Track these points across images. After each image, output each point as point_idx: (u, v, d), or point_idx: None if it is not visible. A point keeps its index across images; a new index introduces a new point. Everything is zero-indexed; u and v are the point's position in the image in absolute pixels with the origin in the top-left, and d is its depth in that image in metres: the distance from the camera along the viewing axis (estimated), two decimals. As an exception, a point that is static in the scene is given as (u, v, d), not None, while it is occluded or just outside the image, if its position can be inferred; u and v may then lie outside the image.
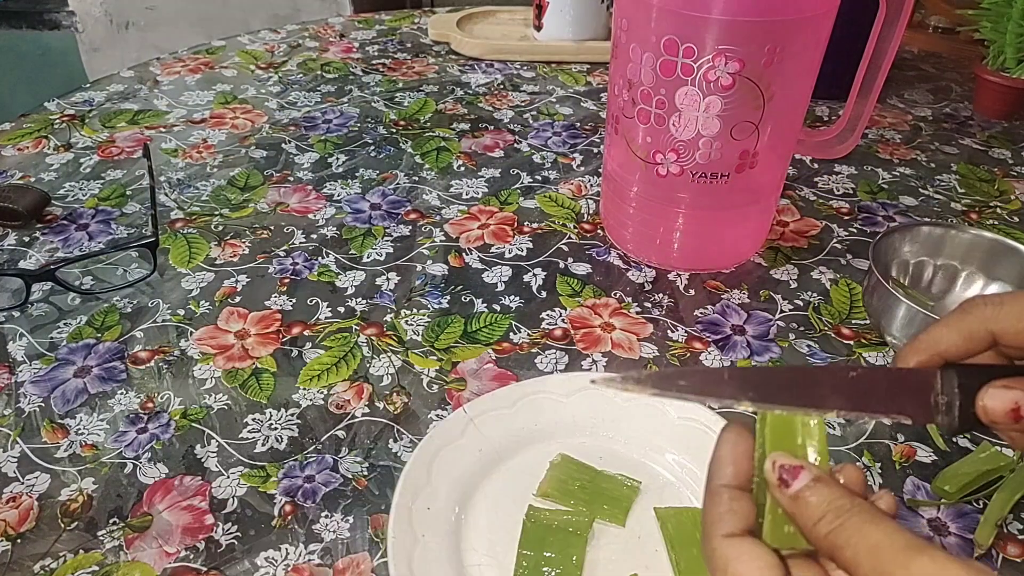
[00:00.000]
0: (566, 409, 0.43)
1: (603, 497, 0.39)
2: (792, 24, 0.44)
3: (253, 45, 0.91)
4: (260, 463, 0.41)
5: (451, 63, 0.88)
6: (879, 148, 0.73)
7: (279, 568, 0.36)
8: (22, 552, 0.36)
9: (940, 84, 0.87)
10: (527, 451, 0.41)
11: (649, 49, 0.46)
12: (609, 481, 0.39)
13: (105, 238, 0.57)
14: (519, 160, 0.69)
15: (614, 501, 0.39)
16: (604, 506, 0.38)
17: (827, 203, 0.64)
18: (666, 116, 0.47)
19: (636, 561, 0.36)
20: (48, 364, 0.46)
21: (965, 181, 0.68)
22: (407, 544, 0.35)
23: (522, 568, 0.35)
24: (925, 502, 0.40)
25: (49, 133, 0.70)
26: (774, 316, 0.52)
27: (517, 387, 0.43)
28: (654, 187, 0.51)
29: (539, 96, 0.81)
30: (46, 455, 0.41)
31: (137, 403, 0.44)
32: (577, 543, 0.36)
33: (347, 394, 0.45)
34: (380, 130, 0.73)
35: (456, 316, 0.51)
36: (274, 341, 0.48)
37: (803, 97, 0.49)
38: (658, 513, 0.38)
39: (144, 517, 0.38)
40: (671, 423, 0.41)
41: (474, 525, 0.37)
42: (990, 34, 0.75)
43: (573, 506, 0.38)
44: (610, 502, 0.38)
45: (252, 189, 0.63)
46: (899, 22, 0.50)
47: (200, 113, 0.75)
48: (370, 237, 0.58)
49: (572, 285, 0.54)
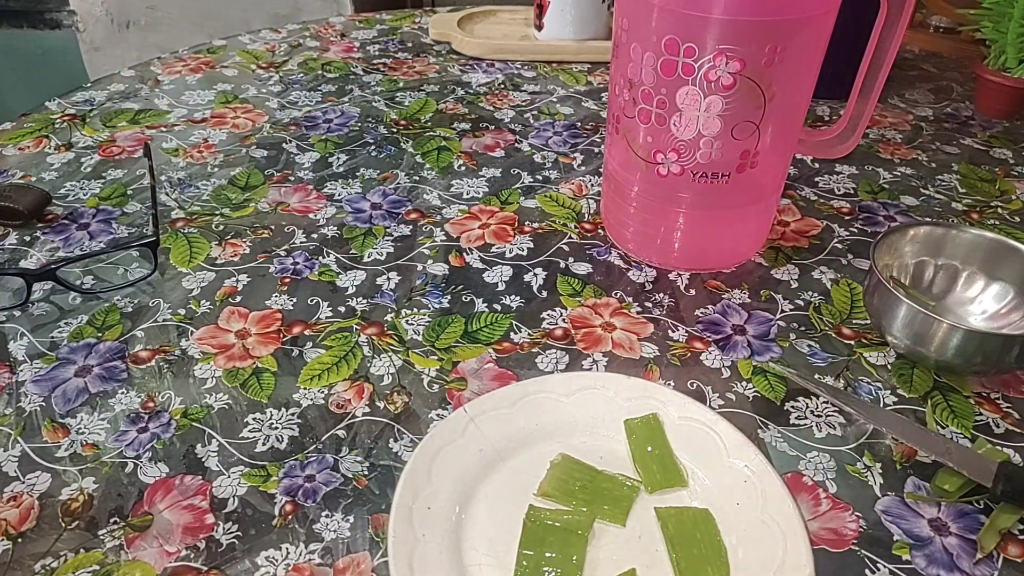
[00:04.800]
0: (567, 409, 0.42)
1: (603, 497, 0.39)
2: (793, 24, 0.44)
3: (254, 45, 0.91)
4: (261, 462, 0.41)
5: (452, 63, 0.88)
6: (880, 148, 0.73)
7: (279, 567, 0.36)
8: (23, 551, 0.36)
9: (941, 84, 0.87)
10: (527, 451, 0.41)
11: (650, 49, 0.46)
12: (609, 481, 0.39)
13: (106, 237, 0.57)
14: (520, 160, 0.69)
15: (615, 501, 0.39)
16: (604, 506, 0.38)
17: (828, 203, 0.64)
18: (667, 116, 0.47)
19: (637, 560, 0.36)
20: (49, 363, 0.46)
21: (966, 181, 0.68)
22: (408, 543, 0.35)
23: (523, 568, 0.35)
24: (924, 497, 0.40)
25: (50, 132, 0.70)
26: (775, 316, 0.52)
27: (518, 387, 0.43)
28: (655, 187, 0.51)
29: (540, 96, 0.81)
30: (47, 454, 0.41)
31: (138, 402, 0.44)
32: (577, 543, 0.36)
33: (348, 394, 0.45)
34: (381, 130, 0.73)
35: (457, 316, 0.51)
36: (275, 341, 0.48)
37: (804, 97, 0.49)
38: (659, 513, 0.38)
39: (145, 516, 0.38)
40: (672, 423, 0.41)
41: (475, 524, 0.37)
42: (991, 34, 0.75)
43: (574, 506, 0.38)
44: (611, 502, 0.38)
45: (253, 189, 0.63)
46: (900, 22, 0.50)
47: (201, 112, 0.75)
48: (371, 237, 0.58)
49: (573, 285, 0.54)
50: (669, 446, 0.41)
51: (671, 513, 0.38)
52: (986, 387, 0.46)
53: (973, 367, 0.45)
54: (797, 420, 0.44)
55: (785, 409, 0.45)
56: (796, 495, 0.39)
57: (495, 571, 0.35)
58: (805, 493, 0.40)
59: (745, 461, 0.39)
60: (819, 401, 0.45)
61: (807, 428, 0.44)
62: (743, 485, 0.38)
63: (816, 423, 0.44)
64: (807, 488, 0.40)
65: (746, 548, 0.36)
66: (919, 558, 0.37)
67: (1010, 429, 0.44)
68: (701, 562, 0.35)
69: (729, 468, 0.39)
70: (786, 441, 0.43)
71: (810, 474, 0.41)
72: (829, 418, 0.44)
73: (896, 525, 0.38)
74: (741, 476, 0.39)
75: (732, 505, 0.38)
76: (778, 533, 0.36)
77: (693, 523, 0.37)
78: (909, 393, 0.46)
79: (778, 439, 0.43)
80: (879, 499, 0.40)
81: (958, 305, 0.50)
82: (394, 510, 0.36)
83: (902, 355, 0.48)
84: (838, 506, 0.39)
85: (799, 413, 0.45)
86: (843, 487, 0.40)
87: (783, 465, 0.41)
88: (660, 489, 0.39)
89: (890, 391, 0.46)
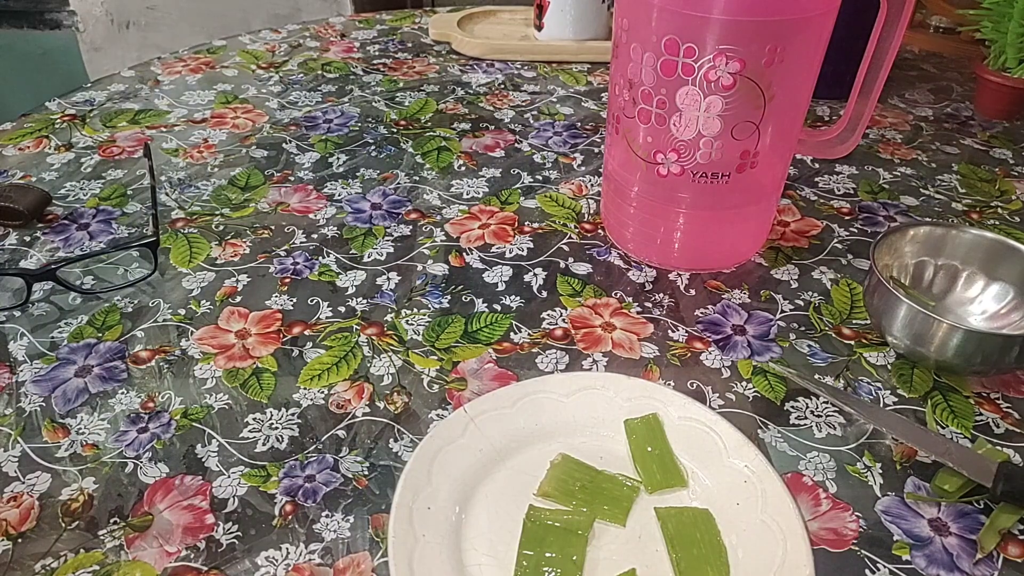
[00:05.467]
0: (567, 409, 0.42)
1: (603, 497, 0.39)
2: (793, 24, 0.44)
3: (254, 45, 0.91)
4: (261, 463, 0.41)
5: (452, 63, 0.88)
6: (880, 148, 0.73)
7: (280, 567, 0.36)
8: (23, 551, 0.36)
9: (941, 84, 0.87)
10: (527, 451, 0.41)
11: (650, 49, 0.46)
12: (609, 481, 0.39)
13: (106, 238, 0.57)
14: (520, 160, 0.69)
15: (614, 501, 0.39)
16: (604, 506, 0.38)
17: (828, 203, 0.64)
18: (667, 116, 0.47)
19: (636, 560, 0.36)
20: (49, 364, 0.46)
21: (966, 181, 0.68)
22: (407, 543, 0.35)
23: (523, 568, 0.35)
24: (924, 497, 0.40)
25: (50, 133, 0.70)
26: (775, 316, 0.52)
27: (518, 387, 0.43)
28: (655, 187, 0.51)
29: (540, 96, 0.81)
30: (47, 455, 0.41)
31: (138, 403, 0.44)
32: (577, 543, 0.36)
33: (348, 394, 0.45)
34: (381, 130, 0.73)
35: (457, 316, 0.51)
36: (275, 341, 0.48)
37: (804, 97, 0.49)
38: (659, 513, 0.38)
39: (145, 516, 0.38)
40: (672, 423, 0.41)
41: (475, 524, 0.37)
42: (991, 34, 0.75)
43: (574, 506, 0.38)
44: (610, 502, 0.38)
45: (253, 189, 0.63)
46: (900, 22, 0.50)
47: (201, 113, 0.75)
48: (371, 237, 0.58)
49: (573, 285, 0.54)
50: (669, 446, 0.41)
51: (671, 513, 0.38)
52: (986, 387, 0.47)
53: (973, 367, 0.45)
54: (797, 420, 0.44)
55: (785, 409, 0.45)
56: (796, 495, 0.39)
57: (495, 571, 0.35)
58: (805, 493, 0.40)
59: (745, 461, 0.39)
60: (819, 401, 0.45)
61: (807, 428, 0.44)
62: (743, 485, 0.38)
63: (816, 423, 0.44)
64: (807, 488, 0.40)
65: (746, 548, 0.36)
66: (919, 558, 0.37)
67: (1010, 429, 0.44)
68: (701, 562, 0.35)
69: (729, 468, 0.39)
70: (786, 441, 0.43)
71: (810, 474, 0.41)
72: (829, 418, 0.44)
73: (896, 525, 0.38)
74: (741, 476, 0.39)
75: (732, 505, 0.38)
76: (778, 533, 0.36)
77: (693, 523, 0.37)
78: (909, 393, 0.46)
79: (778, 439, 0.43)
80: (879, 499, 0.40)
81: (958, 305, 0.50)
82: (394, 510, 0.36)
83: (902, 355, 0.48)
84: (838, 506, 0.39)
85: (799, 413, 0.45)
86: (843, 487, 0.40)
87: (783, 465, 0.41)
88: (660, 489, 0.39)
89: (890, 391, 0.46)
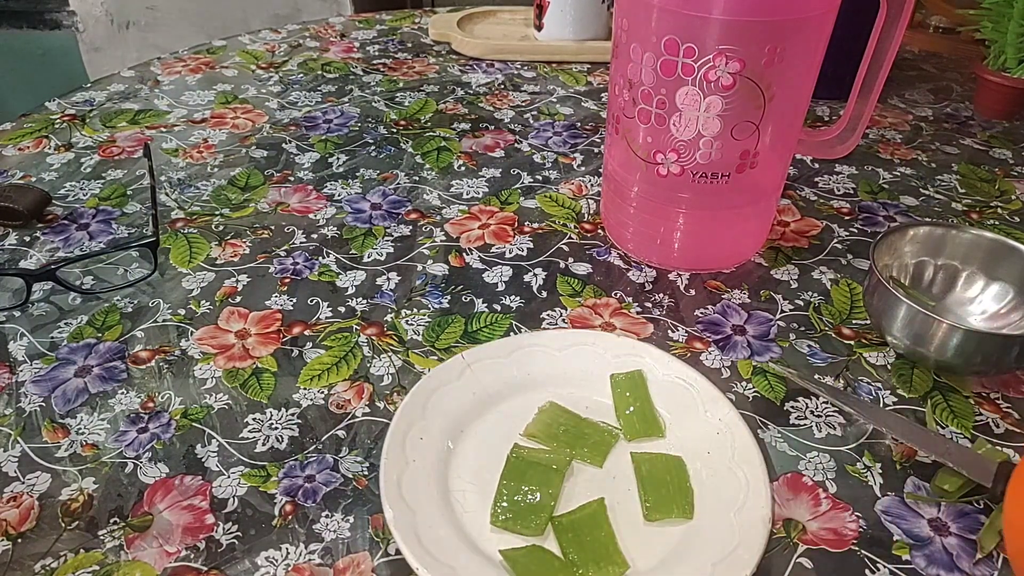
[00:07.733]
0: (558, 362, 0.45)
1: (584, 440, 0.41)
2: (793, 24, 0.44)
3: (254, 45, 0.91)
4: (260, 463, 0.41)
5: (452, 63, 0.88)
6: (880, 148, 0.73)
7: (279, 568, 0.36)
8: (23, 551, 0.36)
9: (941, 84, 0.87)
10: (518, 397, 0.44)
11: (650, 49, 0.46)
12: (592, 427, 0.42)
13: (106, 238, 0.57)
14: (520, 160, 0.69)
15: (594, 445, 0.41)
16: (584, 448, 0.41)
17: (828, 203, 0.64)
18: (667, 116, 0.47)
19: (608, 496, 0.38)
20: (49, 364, 0.46)
21: (966, 181, 0.68)
22: (398, 465, 0.38)
23: (501, 495, 0.38)
24: (924, 497, 0.40)
25: (50, 133, 0.70)
26: (775, 316, 0.52)
27: (514, 339, 0.46)
28: (655, 187, 0.51)
29: (540, 96, 0.81)
30: (47, 455, 0.41)
31: (138, 403, 0.44)
32: (555, 478, 0.39)
33: (347, 394, 0.45)
34: (381, 130, 0.73)
35: (457, 316, 0.51)
36: (274, 341, 0.48)
37: (804, 97, 0.49)
38: (634, 457, 0.40)
39: (145, 517, 0.38)
40: (655, 379, 0.44)
41: (462, 457, 0.40)
42: (991, 34, 0.75)
43: (555, 447, 0.41)
44: (591, 445, 0.41)
45: (253, 189, 0.63)
46: (900, 22, 0.50)
47: (201, 113, 0.75)
48: (370, 237, 0.58)
49: (573, 285, 0.54)
50: (650, 399, 0.43)
51: (645, 458, 0.40)
52: (986, 387, 0.47)
53: (973, 367, 0.45)
54: (797, 420, 0.44)
55: (785, 409, 0.45)
56: (796, 495, 0.40)
57: (477, 497, 0.38)
58: (805, 493, 0.40)
59: (719, 415, 0.42)
60: (819, 401, 0.45)
61: (807, 428, 0.44)
62: (715, 436, 0.41)
63: (816, 423, 0.44)
64: (807, 488, 0.40)
65: (713, 491, 0.39)
66: (919, 558, 0.37)
67: (1010, 429, 0.44)
68: (668, 502, 0.38)
69: (704, 421, 0.42)
70: (786, 441, 0.43)
71: (810, 474, 0.41)
72: (829, 418, 0.44)
73: (896, 525, 0.38)
74: (714, 428, 0.41)
75: (704, 454, 0.40)
76: (742, 478, 0.38)
77: (665, 467, 0.39)
78: (909, 393, 0.46)
79: (778, 439, 0.43)
80: (879, 499, 0.40)
81: (958, 305, 0.50)
82: (389, 436, 0.39)
83: (902, 355, 0.48)
84: (838, 506, 0.39)
85: (799, 413, 0.45)
86: (843, 487, 0.40)
87: (783, 465, 0.41)
88: (638, 438, 0.42)
89: (890, 391, 0.46)
